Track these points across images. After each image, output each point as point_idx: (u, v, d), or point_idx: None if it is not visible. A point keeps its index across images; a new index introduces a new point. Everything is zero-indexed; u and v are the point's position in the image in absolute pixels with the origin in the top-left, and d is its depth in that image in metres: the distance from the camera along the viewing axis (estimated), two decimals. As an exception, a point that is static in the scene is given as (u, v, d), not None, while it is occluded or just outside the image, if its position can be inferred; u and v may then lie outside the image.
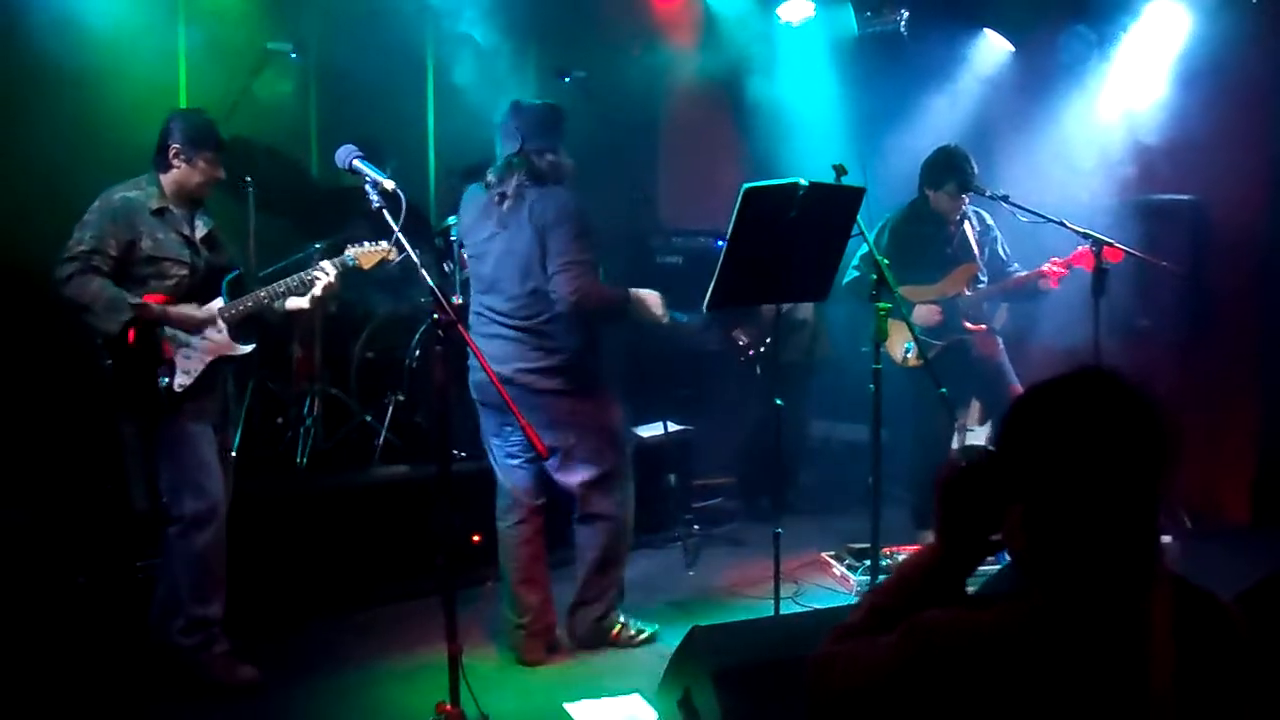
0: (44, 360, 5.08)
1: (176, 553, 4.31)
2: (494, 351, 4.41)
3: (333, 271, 4.49)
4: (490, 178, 4.57)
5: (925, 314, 5.88)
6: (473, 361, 4.52)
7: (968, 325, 5.95)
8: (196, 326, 4.33)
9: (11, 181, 5.17)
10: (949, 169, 5.83)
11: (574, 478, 4.60)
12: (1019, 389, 4.88)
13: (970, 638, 1.66)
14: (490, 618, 4.85)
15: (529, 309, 4.48)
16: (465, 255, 4.78)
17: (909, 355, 5.72)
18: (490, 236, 4.55)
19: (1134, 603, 1.64)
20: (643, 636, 4.82)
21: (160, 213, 4.32)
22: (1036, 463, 1.69)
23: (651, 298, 4.66)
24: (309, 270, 4.49)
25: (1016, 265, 6.04)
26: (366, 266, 4.64)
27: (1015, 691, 1.62)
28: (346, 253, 4.62)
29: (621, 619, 4.81)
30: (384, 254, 4.63)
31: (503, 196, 4.50)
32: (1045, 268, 5.70)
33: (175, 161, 4.35)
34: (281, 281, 4.47)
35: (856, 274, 5.82)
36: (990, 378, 5.96)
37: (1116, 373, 1.71)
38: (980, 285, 5.99)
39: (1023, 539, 1.72)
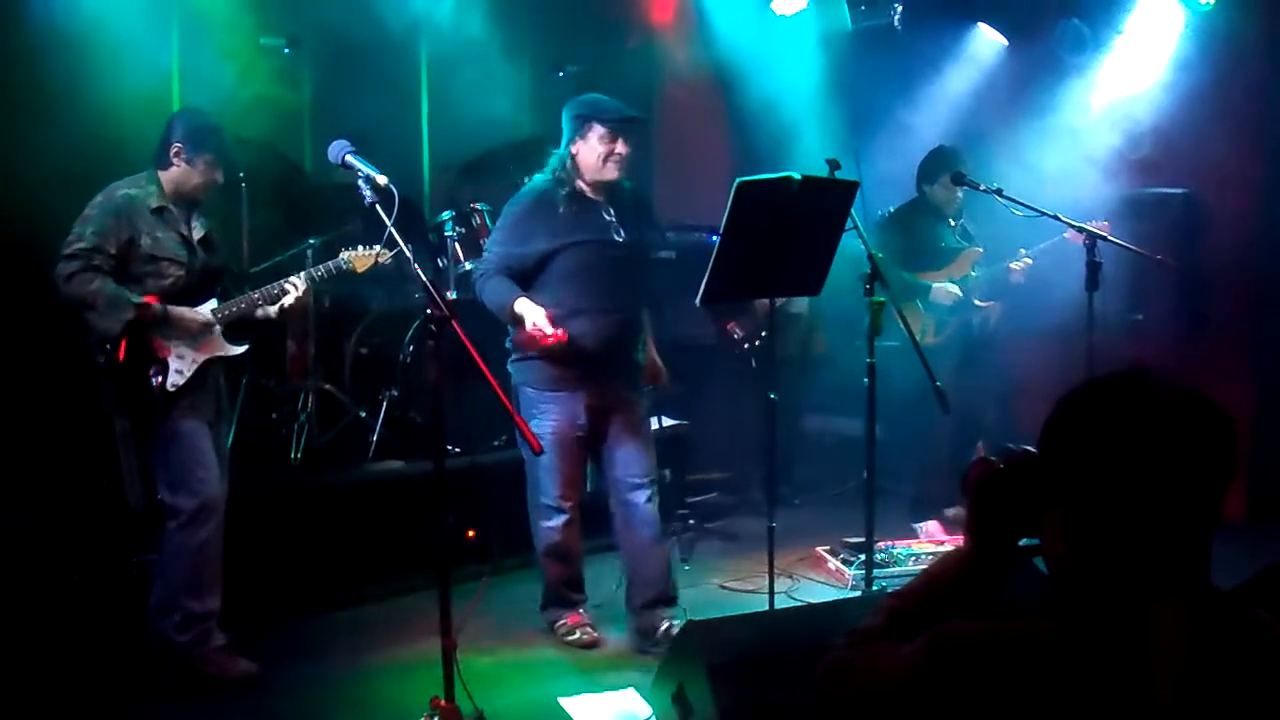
0: (38, 358, 5.06)
1: (174, 548, 4.30)
2: None
3: (301, 285, 4.46)
4: None
5: (946, 293, 6.15)
6: None
7: (978, 303, 6.23)
8: (196, 330, 4.32)
9: (5, 180, 5.15)
10: (941, 163, 6.12)
11: None
12: None
13: (999, 651, 1.54)
14: (485, 613, 4.84)
15: None
16: None
17: (926, 333, 6.07)
18: None
19: (1173, 617, 1.51)
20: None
21: (159, 211, 4.31)
22: (1083, 464, 1.57)
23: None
24: (278, 283, 4.47)
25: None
26: (360, 269, 4.62)
27: (1046, 710, 1.50)
28: (340, 255, 4.61)
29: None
30: (377, 257, 4.61)
31: None
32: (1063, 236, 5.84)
33: (176, 160, 4.34)
34: (263, 288, 4.46)
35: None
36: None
37: (1170, 373, 1.59)
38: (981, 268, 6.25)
39: (1063, 545, 1.61)
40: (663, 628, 4.68)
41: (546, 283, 4.60)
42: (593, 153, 4.57)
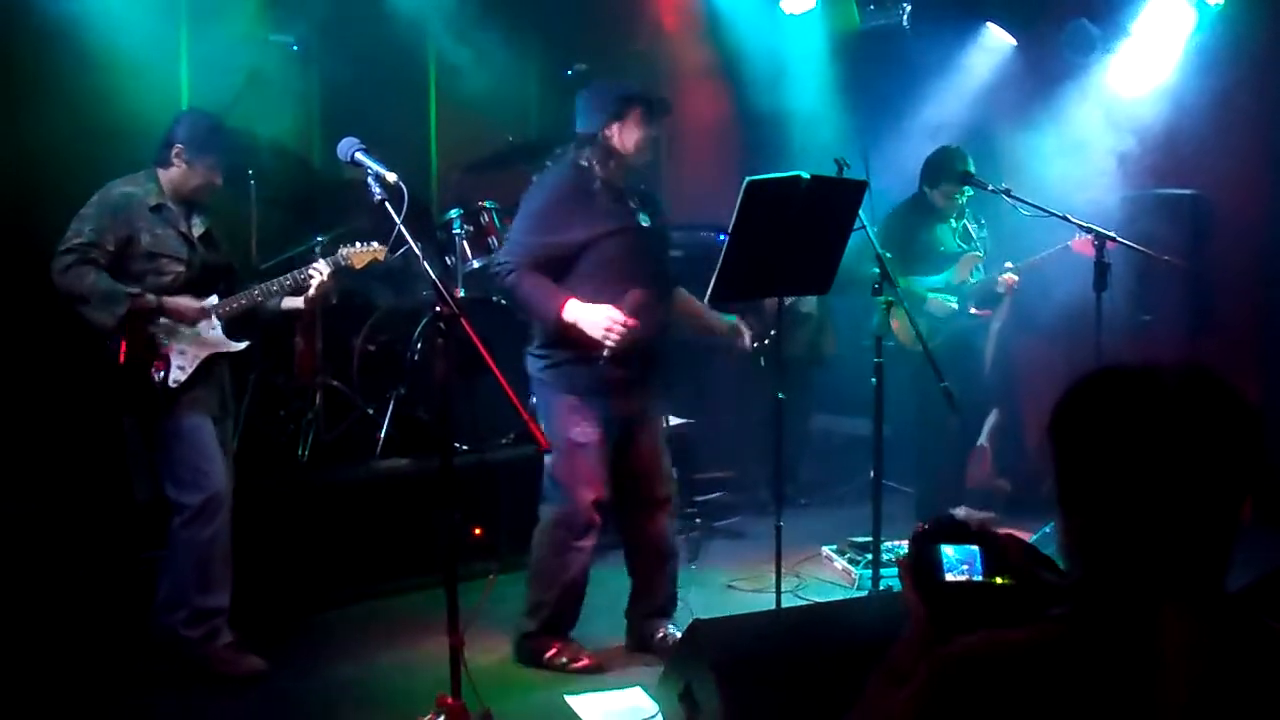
0: (47, 353, 5.08)
1: (181, 544, 4.30)
2: None
3: (326, 270, 4.47)
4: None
5: (940, 306, 6.04)
6: None
7: (974, 310, 6.12)
8: (193, 318, 4.32)
9: (14, 175, 5.16)
10: (946, 166, 6.00)
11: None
12: None
13: (1003, 662, 1.50)
14: (492, 610, 4.85)
15: None
16: None
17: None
18: None
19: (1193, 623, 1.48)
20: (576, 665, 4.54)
21: (158, 209, 4.31)
22: (1090, 461, 1.51)
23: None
24: (303, 269, 4.48)
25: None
26: (358, 266, 4.62)
27: (1054, 718, 1.47)
28: (339, 252, 4.61)
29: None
30: (375, 254, 4.62)
31: None
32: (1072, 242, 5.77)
33: (176, 161, 4.35)
34: (275, 280, 4.46)
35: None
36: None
37: (1209, 370, 1.51)
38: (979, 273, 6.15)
39: (1073, 546, 1.55)
40: (659, 635, 4.66)
41: (585, 274, 4.33)
42: (632, 136, 4.36)
